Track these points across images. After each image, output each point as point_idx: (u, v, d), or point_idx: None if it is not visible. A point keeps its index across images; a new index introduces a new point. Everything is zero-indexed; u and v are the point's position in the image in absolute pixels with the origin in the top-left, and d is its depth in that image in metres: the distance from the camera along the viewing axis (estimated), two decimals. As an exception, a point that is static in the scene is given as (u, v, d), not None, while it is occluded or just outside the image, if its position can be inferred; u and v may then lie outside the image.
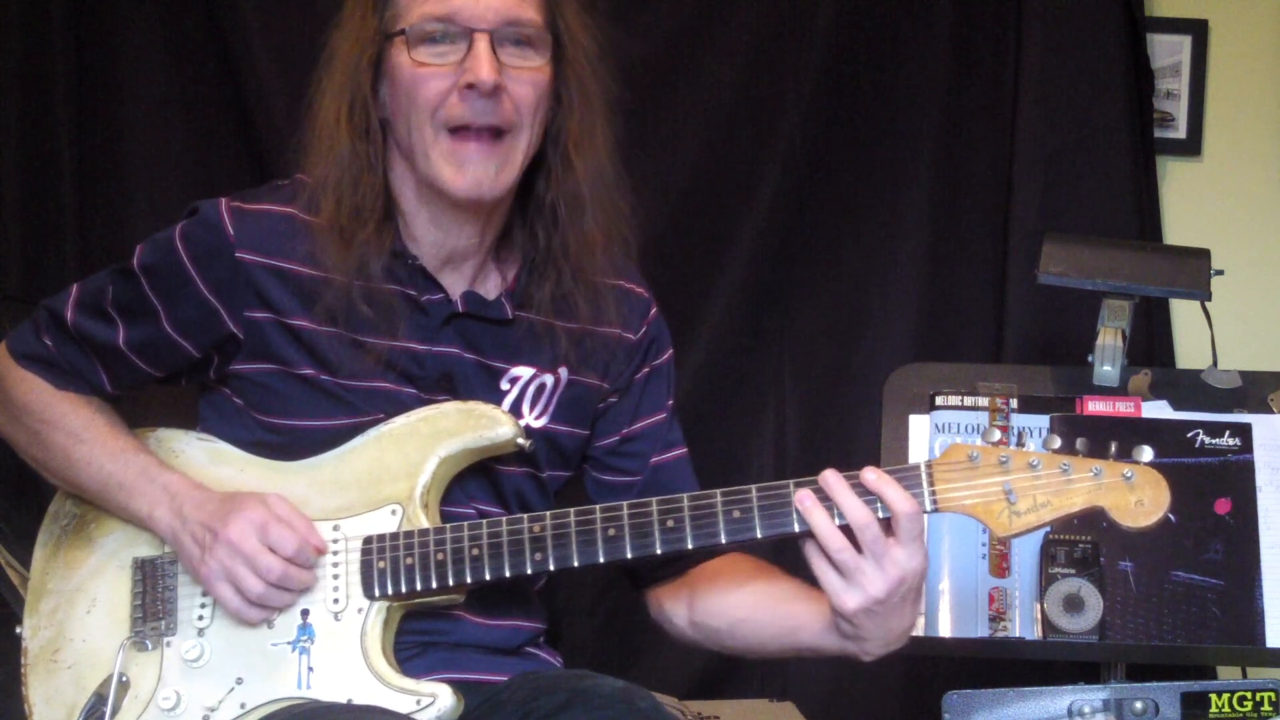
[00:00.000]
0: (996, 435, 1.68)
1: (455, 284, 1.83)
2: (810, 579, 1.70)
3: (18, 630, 1.85)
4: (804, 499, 1.66)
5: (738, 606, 1.87)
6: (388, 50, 1.76)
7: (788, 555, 1.76)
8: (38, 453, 1.88)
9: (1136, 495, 1.63)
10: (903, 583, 1.65)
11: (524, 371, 1.85)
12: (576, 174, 1.80)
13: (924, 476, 1.66)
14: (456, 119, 1.73)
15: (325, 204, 1.76)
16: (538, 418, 1.85)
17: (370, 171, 1.76)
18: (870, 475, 1.66)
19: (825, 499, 1.65)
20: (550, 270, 1.83)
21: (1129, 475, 1.64)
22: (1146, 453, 1.64)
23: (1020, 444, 1.67)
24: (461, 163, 1.73)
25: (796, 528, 1.67)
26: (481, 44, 1.71)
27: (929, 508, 1.66)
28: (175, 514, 1.76)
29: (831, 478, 1.66)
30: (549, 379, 1.86)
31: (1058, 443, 1.66)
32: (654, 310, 1.96)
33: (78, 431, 1.83)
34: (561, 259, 1.82)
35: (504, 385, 1.84)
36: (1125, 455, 1.64)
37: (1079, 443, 1.65)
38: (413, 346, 1.79)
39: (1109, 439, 1.66)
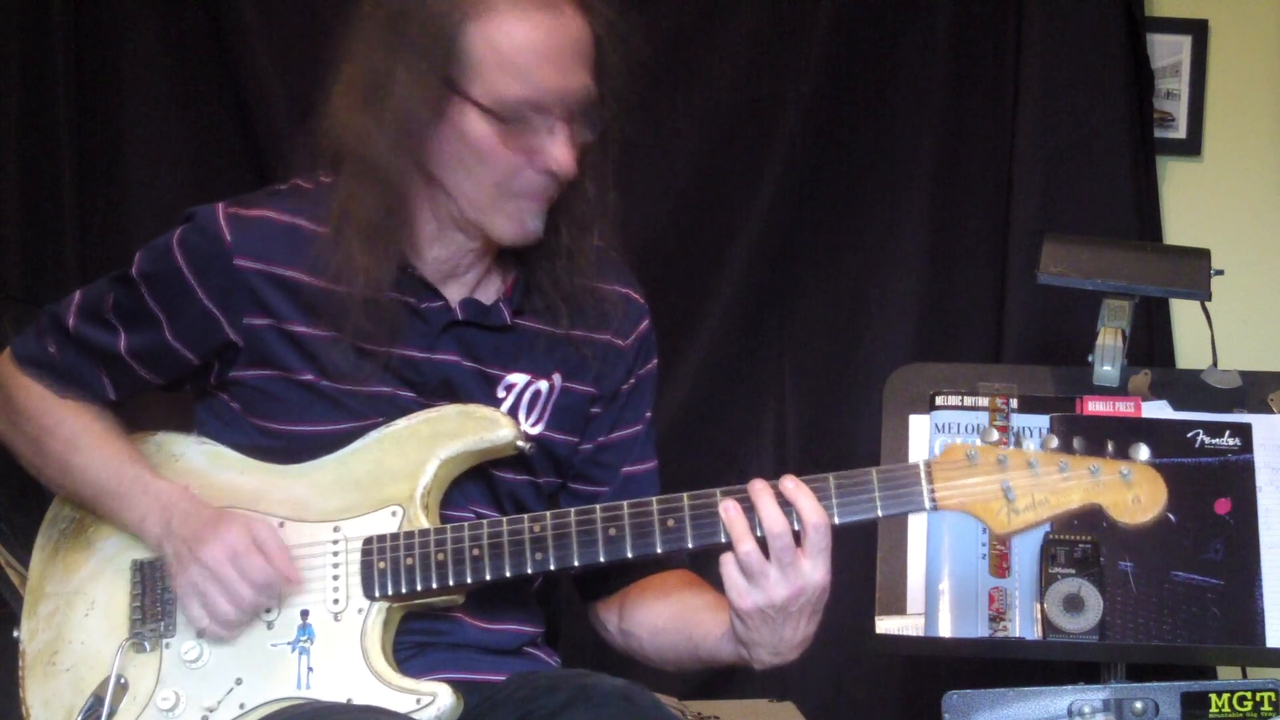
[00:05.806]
0: (995, 435, 1.68)
1: (455, 292, 1.82)
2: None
3: (15, 633, 1.85)
4: (728, 509, 1.67)
5: (658, 616, 1.87)
6: (453, 100, 1.69)
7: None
8: (35, 459, 1.87)
9: (1134, 493, 1.64)
10: (802, 593, 1.64)
11: (519, 378, 1.84)
12: (581, 183, 1.80)
13: (923, 475, 1.66)
14: (527, 191, 1.73)
15: (349, 218, 1.73)
16: (533, 424, 1.85)
17: (400, 194, 1.74)
18: (789, 484, 1.66)
19: (749, 508, 1.66)
20: (549, 276, 1.83)
21: (1126, 473, 1.64)
22: (1143, 451, 1.64)
23: (1019, 444, 1.67)
24: (521, 220, 1.74)
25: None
26: (563, 133, 1.70)
27: (928, 506, 1.66)
28: (164, 525, 1.75)
29: (758, 485, 1.66)
30: (544, 385, 1.85)
31: (1055, 442, 1.66)
32: (647, 321, 1.95)
33: (74, 439, 1.83)
34: (561, 265, 1.82)
35: (500, 393, 1.83)
36: (1122, 454, 1.65)
37: (1076, 442, 1.65)
38: (412, 354, 1.79)
39: (1106, 438, 1.66)
